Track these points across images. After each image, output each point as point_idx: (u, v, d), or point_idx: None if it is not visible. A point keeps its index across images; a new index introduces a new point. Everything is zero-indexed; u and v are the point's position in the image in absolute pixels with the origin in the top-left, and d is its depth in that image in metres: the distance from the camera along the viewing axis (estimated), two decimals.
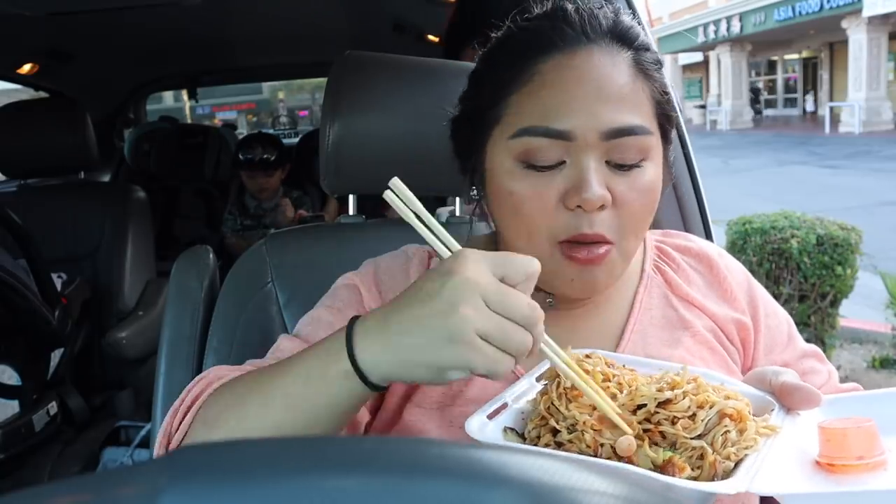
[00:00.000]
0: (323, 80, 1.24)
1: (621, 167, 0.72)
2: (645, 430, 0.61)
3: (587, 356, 0.69)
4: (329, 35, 2.92)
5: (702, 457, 0.59)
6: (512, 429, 0.68)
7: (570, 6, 0.74)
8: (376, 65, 1.11)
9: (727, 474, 0.58)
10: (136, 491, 0.23)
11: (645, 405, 0.62)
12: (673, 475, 0.58)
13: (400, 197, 0.63)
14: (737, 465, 0.60)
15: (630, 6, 1.28)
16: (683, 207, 1.28)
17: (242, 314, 1.07)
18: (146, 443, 2.01)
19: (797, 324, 0.91)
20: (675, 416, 0.61)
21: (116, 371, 2.43)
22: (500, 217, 0.77)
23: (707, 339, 0.82)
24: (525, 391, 0.71)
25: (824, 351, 3.80)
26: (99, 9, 2.22)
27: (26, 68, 2.81)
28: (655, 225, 1.02)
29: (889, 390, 0.75)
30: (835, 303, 3.58)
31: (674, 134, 0.81)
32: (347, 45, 1.34)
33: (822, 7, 18.97)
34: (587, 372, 0.66)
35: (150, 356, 2.21)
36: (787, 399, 0.68)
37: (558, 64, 0.71)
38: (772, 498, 0.58)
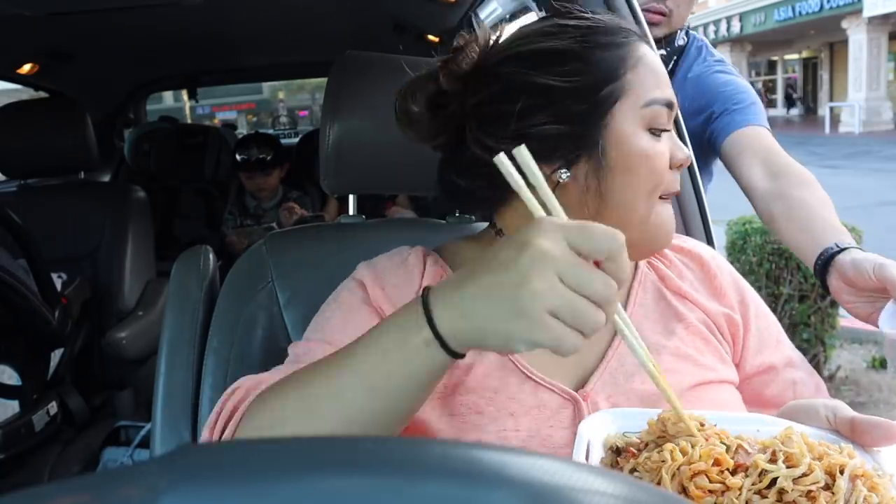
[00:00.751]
0: (323, 80, 1.24)
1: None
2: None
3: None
4: (329, 35, 2.92)
5: None
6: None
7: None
8: (376, 65, 1.11)
9: None
10: (136, 491, 0.23)
11: (781, 485, 0.56)
12: None
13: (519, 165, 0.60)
14: None
15: (631, 7, 1.28)
16: (683, 208, 1.28)
17: (242, 314, 1.07)
18: (146, 443, 2.01)
19: (797, 324, 0.93)
20: (810, 492, 0.55)
21: (116, 371, 2.43)
22: (626, 182, 0.79)
23: (700, 330, 0.85)
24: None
25: (824, 351, 3.78)
26: (99, 9, 2.22)
27: (26, 68, 2.81)
28: None
29: None
30: (835, 303, 3.57)
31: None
32: (347, 45, 1.34)
33: (822, 7, 18.97)
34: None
35: (150, 356, 2.21)
36: (865, 437, 0.66)
37: (643, 49, 0.82)
38: None
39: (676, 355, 0.82)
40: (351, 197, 1.21)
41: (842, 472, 0.56)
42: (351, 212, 1.22)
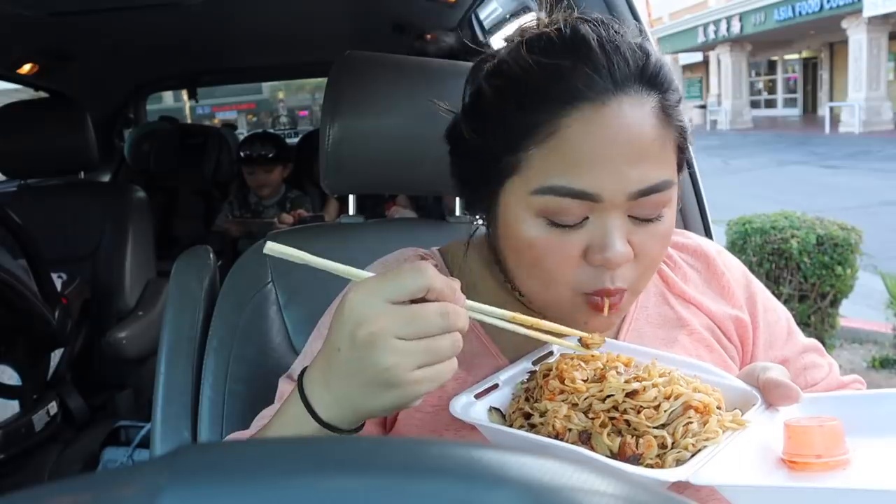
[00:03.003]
0: (323, 80, 1.24)
1: (644, 220, 0.70)
2: (611, 419, 0.63)
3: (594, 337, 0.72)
4: (329, 35, 2.92)
5: (663, 446, 0.61)
6: (497, 409, 0.70)
7: (591, 38, 0.67)
8: (376, 65, 1.11)
9: (682, 464, 0.59)
10: (136, 491, 0.23)
11: (612, 395, 0.64)
12: (627, 456, 0.60)
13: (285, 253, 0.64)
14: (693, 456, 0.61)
15: (630, 7, 1.28)
16: (683, 207, 1.28)
17: (242, 314, 1.07)
18: (146, 443, 2.01)
19: (797, 324, 0.92)
20: (640, 406, 0.63)
21: (116, 371, 2.43)
22: (514, 261, 0.74)
23: (704, 338, 0.82)
24: (518, 373, 0.73)
25: None
26: (99, 9, 2.22)
27: (26, 68, 2.81)
28: None
29: (869, 392, 0.76)
30: (835, 303, 3.58)
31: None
32: (347, 45, 1.34)
33: (822, 7, 18.96)
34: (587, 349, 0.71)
35: (150, 356, 2.21)
36: (769, 395, 0.69)
37: (585, 118, 0.66)
38: None
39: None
40: (351, 197, 1.21)
41: (676, 399, 0.63)
42: (351, 212, 1.22)
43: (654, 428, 0.61)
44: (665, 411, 0.62)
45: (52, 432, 1.99)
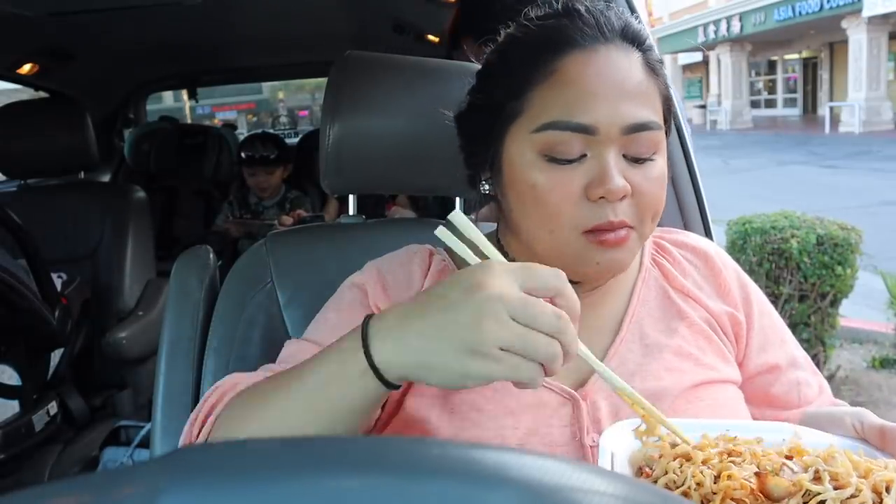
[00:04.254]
0: (323, 80, 1.24)
1: (637, 160, 0.74)
2: None
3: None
4: (329, 35, 2.92)
5: None
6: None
7: (581, 6, 0.77)
8: (376, 65, 1.11)
9: None
10: (136, 491, 0.23)
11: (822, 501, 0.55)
12: None
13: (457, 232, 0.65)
14: None
15: (630, 6, 1.28)
16: (683, 207, 1.28)
17: (243, 314, 1.07)
18: (146, 443, 2.01)
19: (797, 324, 0.93)
20: None
21: (116, 371, 2.43)
22: (519, 208, 0.78)
23: (703, 329, 0.84)
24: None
25: (824, 350, 3.78)
26: (99, 9, 2.22)
27: (26, 68, 2.81)
28: (664, 226, 1.02)
29: None
30: (835, 302, 3.58)
31: (673, 133, 0.83)
32: (347, 45, 1.34)
33: (822, 7, 18.95)
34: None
35: (150, 356, 2.21)
36: (892, 445, 0.66)
37: (578, 60, 0.73)
38: None
39: (678, 354, 0.81)
40: (351, 197, 1.21)
41: (888, 490, 0.56)
42: (351, 212, 1.22)
43: None
44: None
45: (52, 432, 1.99)
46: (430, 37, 2.68)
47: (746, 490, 0.57)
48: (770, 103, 28.49)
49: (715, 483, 0.59)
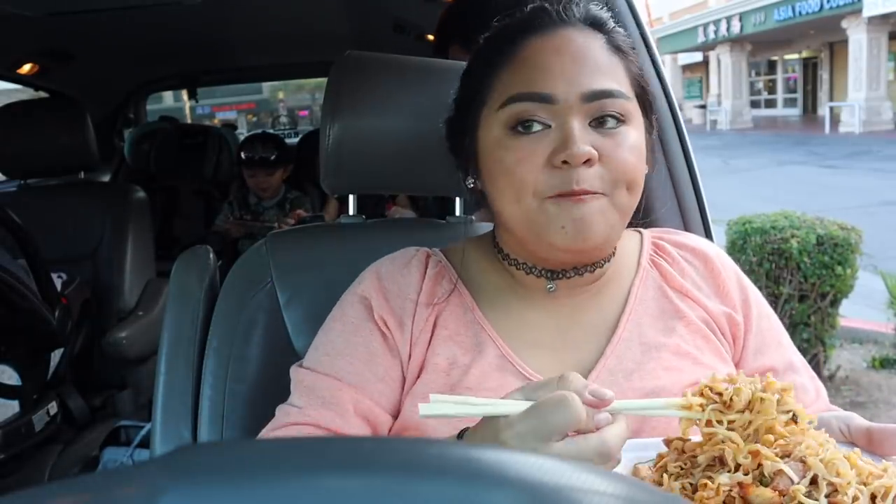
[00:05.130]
0: (323, 80, 1.24)
1: (605, 127, 0.76)
2: None
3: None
4: (329, 35, 2.92)
5: None
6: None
7: (547, 2, 0.81)
8: (376, 65, 1.11)
9: None
10: (136, 491, 0.23)
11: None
12: None
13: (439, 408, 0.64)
14: None
15: (630, 7, 1.28)
16: (683, 207, 1.28)
17: (243, 314, 1.07)
18: (146, 443, 2.01)
19: (797, 324, 0.93)
20: None
21: (116, 371, 2.43)
22: (493, 189, 0.80)
23: (701, 328, 0.84)
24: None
25: (824, 350, 3.78)
26: (99, 9, 2.22)
27: (26, 68, 2.81)
28: (655, 224, 1.02)
29: None
30: (835, 302, 3.58)
31: (673, 133, 0.82)
32: (347, 45, 1.34)
33: (822, 7, 18.95)
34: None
35: (150, 356, 2.21)
36: (883, 446, 0.67)
37: (538, 43, 0.78)
38: None
39: (677, 353, 0.81)
40: (351, 197, 1.21)
41: (884, 498, 0.56)
42: (351, 212, 1.22)
43: None
44: None
45: (52, 432, 1.99)
46: (430, 37, 2.68)
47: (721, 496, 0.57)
48: (770, 103, 28.48)
49: (694, 493, 0.59)
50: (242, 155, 3.21)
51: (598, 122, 0.75)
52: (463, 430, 0.66)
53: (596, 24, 0.81)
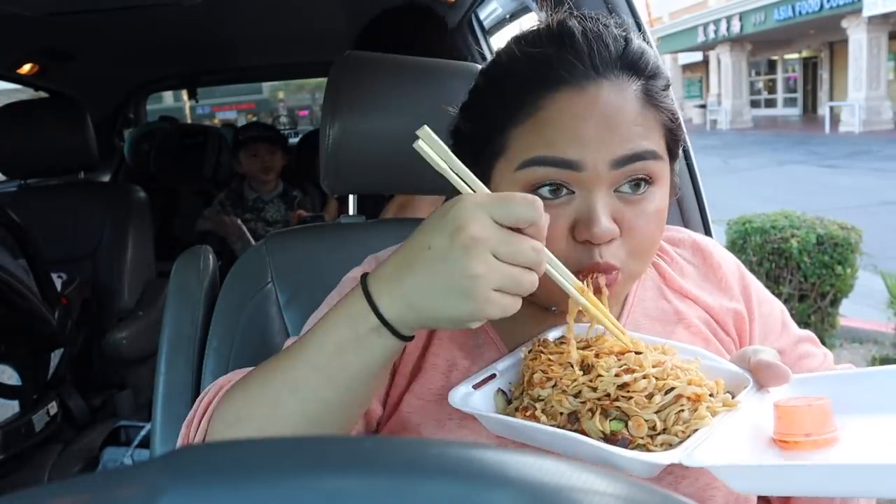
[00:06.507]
0: (323, 80, 1.24)
1: (630, 195, 0.71)
2: (600, 402, 0.65)
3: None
4: (329, 35, 2.92)
5: (653, 429, 0.62)
6: (502, 391, 0.72)
7: (576, 29, 0.71)
8: (376, 65, 1.11)
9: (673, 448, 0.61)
10: (136, 491, 0.23)
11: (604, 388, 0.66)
12: (618, 440, 0.62)
13: (430, 145, 0.66)
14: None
15: (630, 7, 1.28)
16: (683, 207, 1.28)
17: (242, 314, 1.07)
18: (146, 443, 2.01)
19: (797, 324, 0.92)
20: (631, 395, 0.64)
21: (116, 371, 2.43)
22: None
23: (701, 331, 0.83)
24: (514, 362, 0.74)
25: None
26: (99, 9, 2.22)
27: (26, 68, 2.81)
28: None
29: (856, 371, 0.77)
30: (835, 302, 3.58)
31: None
32: (347, 45, 1.34)
33: (822, 7, 18.96)
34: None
35: (150, 356, 2.21)
36: (760, 376, 0.70)
37: (566, 99, 0.70)
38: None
39: None
40: (351, 197, 1.21)
41: (667, 393, 0.64)
42: (351, 212, 1.22)
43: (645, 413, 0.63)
44: (656, 402, 0.63)
45: (52, 432, 1.99)
46: None
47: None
48: (770, 103, 28.48)
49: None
50: (240, 137, 3.15)
51: (623, 191, 0.71)
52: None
53: (634, 69, 0.72)
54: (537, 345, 0.73)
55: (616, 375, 0.65)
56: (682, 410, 0.63)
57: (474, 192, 0.64)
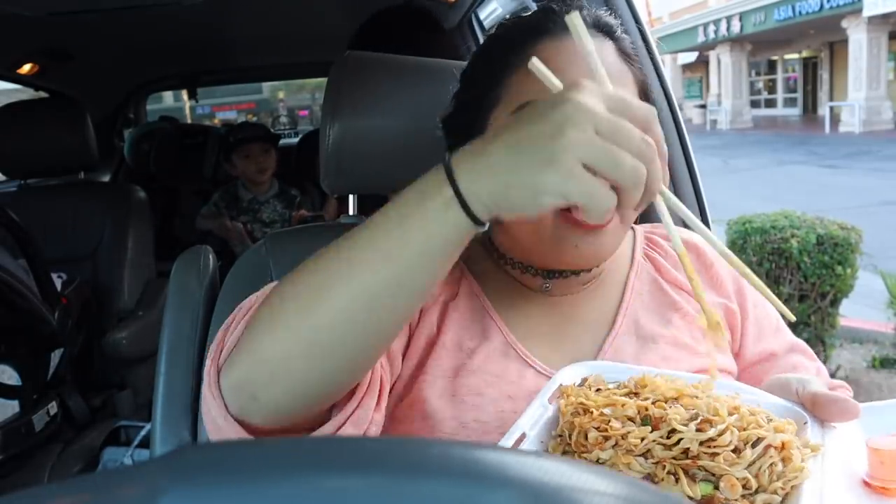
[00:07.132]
0: (323, 80, 1.24)
1: None
2: (676, 458, 0.57)
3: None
4: (329, 35, 2.92)
5: (746, 488, 0.56)
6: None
7: (556, 4, 0.80)
8: (376, 65, 1.11)
9: None
10: (136, 491, 0.23)
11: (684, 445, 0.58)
12: None
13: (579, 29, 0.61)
14: (785, 497, 0.56)
15: (630, 7, 1.28)
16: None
17: None
18: (146, 443, 2.01)
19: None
20: (716, 451, 0.57)
21: (116, 371, 2.43)
22: None
23: (696, 319, 0.84)
24: (539, 416, 0.67)
25: (824, 350, 3.78)
26: (99, 9, 2.22)
27: (26, 68, 2.81)
28: (652, 221, 1.02)
29: None
30: (835, 302, 3.58)
31: (673, 132, 0.82)
32: (347, 45, 1.34)
33: (822, 7, 18.96)
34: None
35: (150, 356, 2.21)
36: (823, 412, 0.66)
37: (552, 47, 0.76)
38: None
39: (674, 344, 0.83)
40: (351, 197, 1.21)
41: (754, 445, 0.57)
42: (351, 212, 1.22)
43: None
44: (747, 458, 0.56)
45: (52, 432, 1.99)
46: None
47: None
48: (770, 103, 28.48)
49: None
50: (232, 139, 3.10)
51: None
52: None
53: (605, 30, 0.80)
54: (572, 395, 0.66)
55: (698, 430, 0.57)
56: (774, 463, 0.57)
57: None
